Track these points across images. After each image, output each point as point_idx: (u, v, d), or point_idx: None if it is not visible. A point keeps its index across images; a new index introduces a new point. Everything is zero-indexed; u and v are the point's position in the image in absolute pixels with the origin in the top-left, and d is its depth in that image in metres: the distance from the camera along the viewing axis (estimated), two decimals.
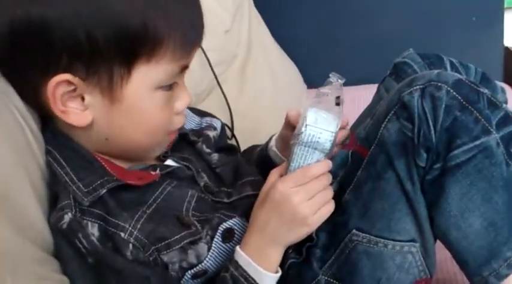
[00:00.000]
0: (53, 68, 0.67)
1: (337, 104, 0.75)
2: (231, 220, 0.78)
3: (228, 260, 0.75)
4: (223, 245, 0.77)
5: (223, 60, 1.33)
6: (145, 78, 0.70)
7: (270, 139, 0.94)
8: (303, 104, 0.75)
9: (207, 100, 1.27)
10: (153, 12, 0.68)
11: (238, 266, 0.72)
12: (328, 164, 0.74)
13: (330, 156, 0.75)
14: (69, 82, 0.68)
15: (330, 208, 0.74)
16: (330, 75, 0.77)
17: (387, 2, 1.53)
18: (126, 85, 0.70)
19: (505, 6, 1.51)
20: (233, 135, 1.16)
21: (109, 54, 0.67)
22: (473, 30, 1.53)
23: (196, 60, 1.22)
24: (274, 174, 0.76)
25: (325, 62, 1.58)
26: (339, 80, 0.76)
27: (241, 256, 0.73)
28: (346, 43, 1.58)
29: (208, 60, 1.20)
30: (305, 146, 0.72)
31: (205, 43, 1.21)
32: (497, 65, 1.57)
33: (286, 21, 1.60)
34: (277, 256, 0.74)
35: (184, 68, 0.75)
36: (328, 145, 0.72)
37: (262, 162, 0.91)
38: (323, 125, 0.72)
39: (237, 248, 0.74)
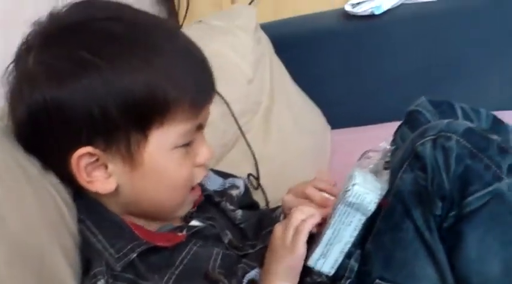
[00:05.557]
0: (74, 143, 0.72)
1: (386, 169, 0.77)
2: (253, 271, 0.81)
3: None
4: None
5: (248, 109, 1.36)
6: (161, 140, 0.74)
7: None
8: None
9: (233, 150, 1.30)
10: (159, 81, 0.72)
11: None
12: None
13: None
14: (91, 154, 0.73)
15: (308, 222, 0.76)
16: (383, 142, 0.80)
17: (405, 42, 1.55)
18: (144, 150, 0.74)
19: None
20: (259, 185, 1.19)
21: (124, 124, 0.72)
22: (492, 62, 1.54)
23: (220, 112, 1.27)
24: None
25: (348, 102, 1.62)
26: (388, 146, 0.79)
27: None
28: (369, 83, 1.60)
29: (232, 113, 1.25)
30: (348, 206, 0.74)
31: (229, 95, 1.27)
32: None
33: (307, 63, 1.63)
34: None
35: (199, 127, 0.79)
36: (372, 206, 0.74)
37: None
38: (370, 186, 0.74)
39: None
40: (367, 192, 0.73)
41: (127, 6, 0.79)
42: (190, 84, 0.75)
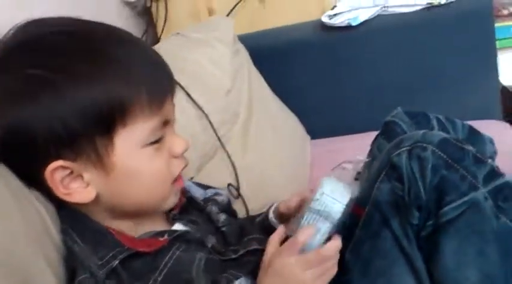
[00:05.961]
0: (44, 159, 0.72)
1: (356, 179, 0.79)
2: (237, 281, 0.81)
3: None
4: None
5: (227, 120, 1.37)
6: (128, 141, 0.75)
7: (268, 210, 0.96)
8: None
9: (212, 161, 1.31)
10: (111, 84, 0.73)
11: None
12: (339, 242, 0.75)
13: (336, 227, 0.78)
14: (63, 167, 0.73)
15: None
16: (359, 155, 0.82)
17: (382, 52, 1.57)
18: (113, 153, 0.74)
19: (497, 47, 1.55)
20: (239, 194, 1.20)
21: (87, 132, 0.72)
22: (470, 72, 1.56)
23: (200, 124, 1.27)
24: (272, 243, 0.79)
25: (326, 113, 1.63)
26: (362, 158, 0.81)
27: None
28: (347, 94, 1.62)
29: (211, 124, 1.25)
30: (316, 214, 0.75)
31: (208, 106, 1.28)
32: (496, 104, 1.59)
33: (285, 74, 1.64)
34: None
35: (166, 122, 0.79)
36: (338, 216, 0.75)
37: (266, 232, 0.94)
38: (338, 196, 0.75)
39: None
40: (333, 201, 0.75)
41: (80, 20, 0.79)
42: (143, 81, 0.75)
